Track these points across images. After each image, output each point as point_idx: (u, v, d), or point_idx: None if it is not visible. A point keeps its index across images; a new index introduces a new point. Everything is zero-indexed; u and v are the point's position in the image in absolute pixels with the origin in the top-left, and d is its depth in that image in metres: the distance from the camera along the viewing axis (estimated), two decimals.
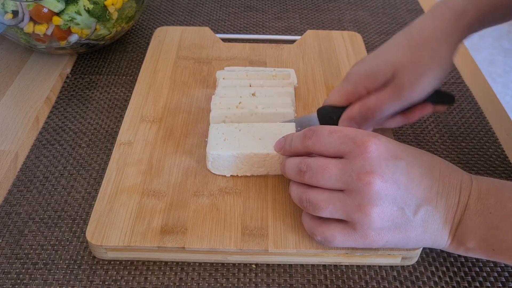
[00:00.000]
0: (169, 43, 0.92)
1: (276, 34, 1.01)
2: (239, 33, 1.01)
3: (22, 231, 0.64)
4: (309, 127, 0.59)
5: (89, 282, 0.59)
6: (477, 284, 0.60)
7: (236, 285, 0.59)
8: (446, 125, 0.80)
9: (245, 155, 0.66)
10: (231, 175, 0.67)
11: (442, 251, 0.63)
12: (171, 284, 0.59)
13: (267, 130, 0.68)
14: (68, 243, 0.63)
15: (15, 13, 0.79)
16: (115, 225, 0.61)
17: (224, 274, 0.60)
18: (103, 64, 0.92)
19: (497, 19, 0.67)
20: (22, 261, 0.61)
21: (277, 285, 0.59)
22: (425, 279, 0.60)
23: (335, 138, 0.56)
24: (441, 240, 0.55)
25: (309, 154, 0.59)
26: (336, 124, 0.68)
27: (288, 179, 0.62)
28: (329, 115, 0.69)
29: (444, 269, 0.62)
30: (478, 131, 0.80)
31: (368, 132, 0.56)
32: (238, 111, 0.71)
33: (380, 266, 0.61)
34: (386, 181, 0.52)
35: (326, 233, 0.56)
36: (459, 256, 0.63)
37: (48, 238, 0.63)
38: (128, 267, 0.61)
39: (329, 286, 0.59)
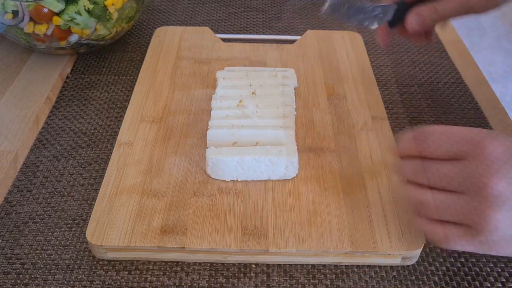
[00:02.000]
0: (169, 43, 0.93)
1: (276, 34, 1.01)
2: (239, 33, 1.01)
3: (22, 231, 0.64)
4: (419, 130, 0.55)
5: (89, 282, 0.59)
6: (477, 284, 0.60)
7: (236, 285, 0.59)
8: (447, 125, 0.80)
9: (246, 160, 0.66)
10: (230, 180, 0.67)
11: (442, 250, 0.63)
12: (171, 284, 0.59)
13: (264, 135, 0.68)
14: (68, 243, 0.63)
15: (15, 13, 0.79)
16: (115, 225, 0.61)
17: (224, 274, 0.60)
18: (103, 64, 0.92)
19: None
20: (22, 261, 0.61)
21: (277, 285, 0.59)
22: (425, 279, 0.60)
23: (448, 140, 0.53)
24: None
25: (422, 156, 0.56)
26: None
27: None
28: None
29: (444, 269, 0.62)
30: None
31: (484, 131, 0.52)
32: (239, 111, 0.71)
33: (380, 266, 0.61)
34: (508, 184, 0.48)
35: (448, 235, 0.52)
36: (459, 256, 0.63)
37: (48, 238, 0.63)
38: (128, 267, 0.61)
39: (329, 286, 0.59)
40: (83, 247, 0.62)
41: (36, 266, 0.60)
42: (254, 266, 0.61)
